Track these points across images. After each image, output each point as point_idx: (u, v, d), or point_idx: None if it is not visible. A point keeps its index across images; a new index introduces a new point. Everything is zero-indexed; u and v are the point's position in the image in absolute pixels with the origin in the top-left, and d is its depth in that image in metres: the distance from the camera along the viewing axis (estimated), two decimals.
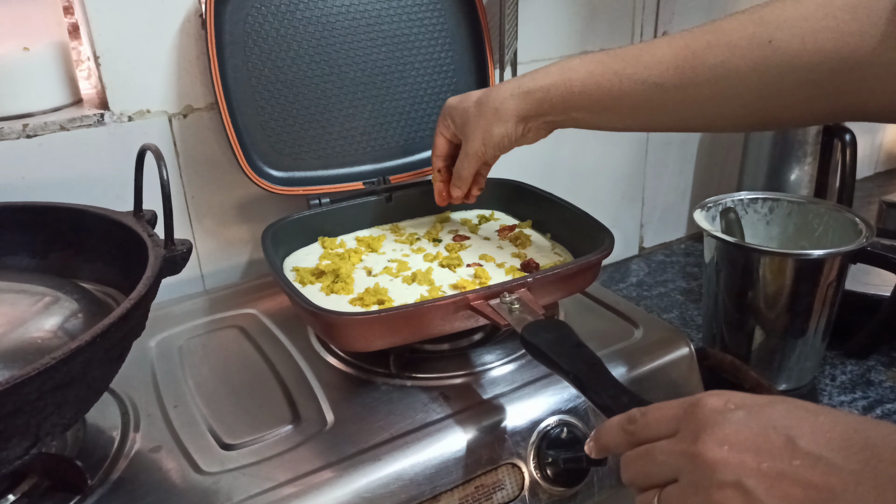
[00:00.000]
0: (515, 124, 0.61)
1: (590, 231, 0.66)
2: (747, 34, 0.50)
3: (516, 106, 0.60)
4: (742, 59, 0.50)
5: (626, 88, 0.55)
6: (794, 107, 0.51)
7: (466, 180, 0.68)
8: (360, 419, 0.55)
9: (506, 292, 0.55)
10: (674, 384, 0.62)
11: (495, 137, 0.62)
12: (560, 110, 0.59)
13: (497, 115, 0.61)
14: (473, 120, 0.62)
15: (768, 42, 0.49)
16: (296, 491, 0.48)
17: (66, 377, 0.40)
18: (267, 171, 0.74)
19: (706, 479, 0.34)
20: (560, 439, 0.55)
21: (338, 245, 0.73)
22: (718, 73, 0.51)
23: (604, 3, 0.97)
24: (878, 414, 0.78)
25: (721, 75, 0.51)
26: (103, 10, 0.67)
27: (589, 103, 0.57)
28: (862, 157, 1.14)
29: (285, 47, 0.73)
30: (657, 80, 0.53)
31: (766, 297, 0.76)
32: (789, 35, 0.48)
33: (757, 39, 0.49)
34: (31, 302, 0.52)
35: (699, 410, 0.37)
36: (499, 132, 0.61)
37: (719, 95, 0.52)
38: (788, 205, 0.84)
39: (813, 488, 0.32)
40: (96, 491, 0.49)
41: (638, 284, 1.08)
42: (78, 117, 0.69)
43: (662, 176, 1.14)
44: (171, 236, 0.52)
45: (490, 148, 0.63)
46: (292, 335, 0.66)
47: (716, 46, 0.51)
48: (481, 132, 0.62)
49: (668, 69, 0.53)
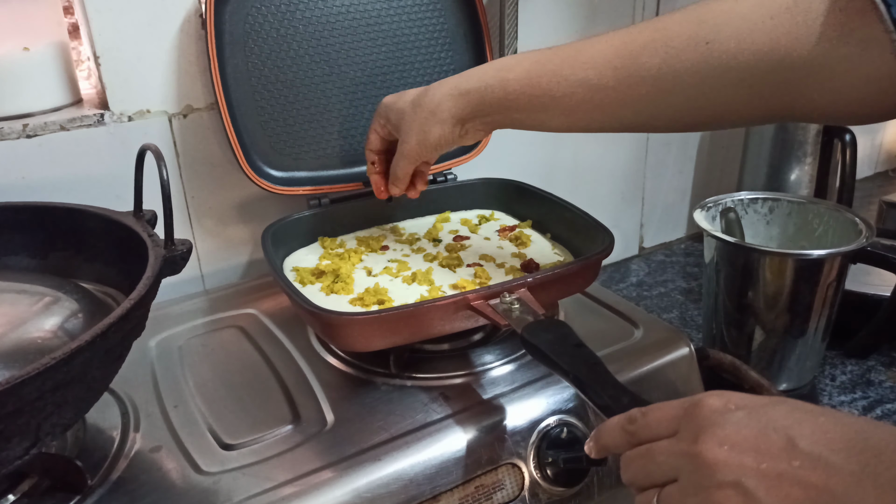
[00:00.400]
0: (452, 126, 0.60)
1: (590, 231, 0.66)
2: (685, 34, 0.49)
3: (453, 107, 0.59)
4: (679, 59, 0.49)
5: (564, 89, 0.54)
6: (732, 107, 0.50)
7: (403, 179, 0.66)
8: (360, 419, 0.55)
9: (506, 292, 0.55)
10: (674, 384, 0.62)
11: (431, 139, 0.60)
12: (498, 111, 0.58)
13: (433, 116, 0.59)
14: (409, 120, 0.61)
15: (706, 42, 0.48)
16: (296, 491, 0.48)
17: (66, 377, 0.40)
18: (267, 171, 0.74)
19: (706, 480, 0.34)
20: (560, 439, 0.55)
21: (338, 245, 0.73)
22: (656, 73, 0.50)
23: (604, 3, 0.97)
24: (878, 414, 0.78)
25: (659, 76, 0.50)
26: (103, 10, 0.67)
27: (527, 103, 0.56)
28: (862, 157, 1.14)
29: (285, 47, 0.73)
30: (595, 80, 0.52)
31: (766, 297, 0.76)
32: (726, 35, 0.47)
33: (695, 40, 0.48)
34: (31, 302, 0.52)
35: (699, 410, 0.37)
36: (435, 133, 0.60)
37: (657, 96, 0.51)
38: (788, 205, 0.84)
39: (813, 489, 0.32)
40: (96, 491, 0.49)
41: (638, 284, 1.08)
42: (78, 117, 0.69)
43: (662, 176, 1.14)
44: (171, 236, 0.52)
45: (426, 149, 0.61)
46: (292, 335, 0.66)
47: (654, 46, 0.50)
48: (417, 133, 0.61)
49: (606, 69, 0.52)
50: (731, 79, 0.48)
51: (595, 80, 0.52)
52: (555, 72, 0.54)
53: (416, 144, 0.61)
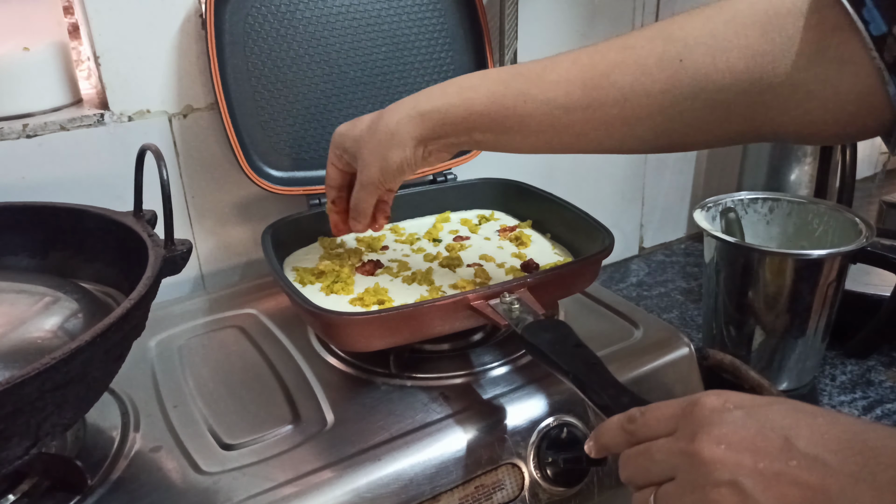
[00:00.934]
0: (414, 148, 0.55)
1: (590, 231, 0.66)
2: (657, 52, 0.47)
3: (413, 128, 0.55)
4: (652, 78, 0.47)
5: (529, 109, 0.51)
6: (706, 128, 0.48)
7: (365, 212, 0.61)
8: (360, 419, 0.55)
9: (506, 292, 0.55)
10: (674, 384, 0.62)
11: (393, 164, 0.56)
12: (461, 131, 0.54)
13: (393, 139, 0.55)
14: (368, 147, 0.57)
15: (679, 61, 0.46)
16: (296, 491, 0.48)
17: (66, 377, 0.40)
18: (267, 171, 0.74)
19: (702, 478, 0.34)
20: (560, 439, 0.55)
21: (338, 245, 0.73)
22: (627, 93, 0.48)
23: (604, 3, 0.97)
24: (878, 414, 0.78)
25: (630, 95, 0.48)
26: (103, 10, 0.67)
27: (491, 124, 0.53)
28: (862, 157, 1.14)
29: (285, 47, 0.73)
30: (563, 101, 0.50)
31: (766, 297, 0.76)
32: (699, 53, 0.45)
33: (667, 58, 0.46)
34: (31, 302, 0.52)
35: (698, 409, 0.37)
36: (396, 158, 0.56)
37: (629, 116, 0.49)
38: (788, 205, 0.84)
39: (809, 489, 0.32)
40: (96, 491, 0.49)
41: (638, 284, 1.08)
42: (78, 117, 0.69)
43: (662, 176, 1.14)
44: (171, 236, 0.52)
45: (388, 175, 0.57)
46: (292, 335, 0.66)
47: (624, 65, 0.48)
48: (378, 159, 0.56)
49: (574, 89, 0.50)
50: (704, 99, 0.46)
51: (563, 99, 0.50)
52: (521, 91, 0.52)
53: (378, 171, 0.57)
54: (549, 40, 0.94)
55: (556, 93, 0.50)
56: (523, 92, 0.51)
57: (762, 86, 0.44)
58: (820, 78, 0.43)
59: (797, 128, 0.46)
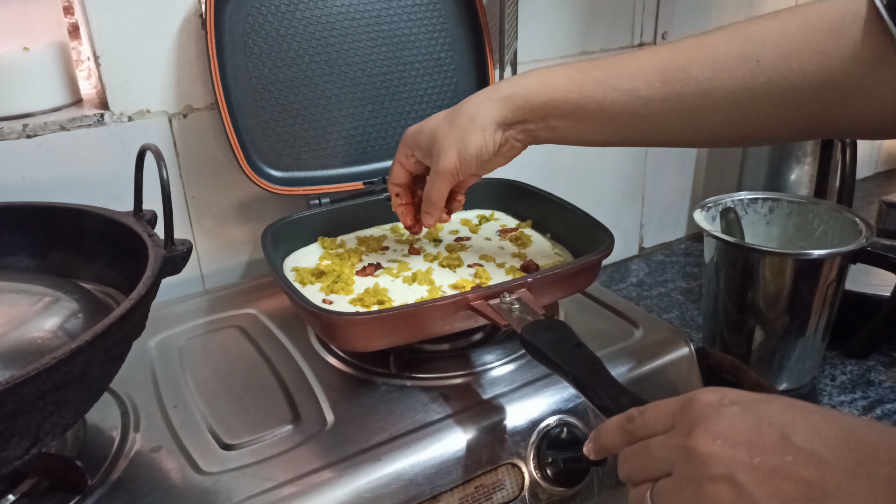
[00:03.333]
0: (494, 132, 0.57)
1: (590, 231, 0.66)
2: (735, 50, 0.50)
3: (494, 111, 0.57)
4: (730, 74, 0.50)
5: (609, 97, 0.54)
6: (776, 124, 0.51)
7: (438, 204, 0.61)
8: (360, 419, 0.55)
9: (506, 292, 0.55)
10: (674, 384, 0.62)
11: (472, 148, 0.57)
12: (540, 116, 0.56)
13: (473, 122, 0.57)
14: (446, 135, 0.58)
15: (756, 60, 0.49)
16: (296, 491, 0.48)
17: (66, 377, 0.40)
18: (267, 171, 0.74)
19: (698, 473, 0.35)
20: (560, 439, 0.55)
21: (338, 245, 0.73)
22: (706, 87, 0.51)
23: (604, 3, 0.97)
24: (878, 414, 0.78)
25: (708, 90, 0.51)
26: (103, 10, 0.67)
27: (571, 110, 0.55)
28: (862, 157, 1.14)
29: (285, 47, 0.73)
30: (643, 91, 0.53)
31: (766, 297, 0.76)
32: (775, 54, 0.49)
33: (745, 57, 0.50)
34: (31, 302, 0.52)
35: (694, 405, 0.37)
36: (476, 141, 0.57)
37: (705, 109, 0.52)
38: (788, 205, 0.84)
39: (805, 484, 0.32)
40: (96, 491, 0.49)
41: (638, 284, 1.08)
42: (78, 117, 0.69)
43: (662, 176, 1.14)
44: (171, 236, 0.52)
45: (466, 162, 0.58)
46: (292, 335, 0.66)
47: (703, 61, 0.51)
48: (456, 144, 0.57)
49: (654, 80, 0.52)
50: (779, 97, 0.49)
51: (644, 90, 0.53)
52: (602, 80, 0.54)
53: (456, 157, 0.58)
54: (549, 40, 0.94)
55: (636, 83, 0.53)
56: (604, 80, 0.54)
57: (831, 87, 0.48)
58: (881, 81, 0.47)
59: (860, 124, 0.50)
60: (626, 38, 1.01)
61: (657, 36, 1.04)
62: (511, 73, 0.89)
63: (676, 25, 1.05)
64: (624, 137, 0.57)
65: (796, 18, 0.49)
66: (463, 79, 0.82)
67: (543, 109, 0.56)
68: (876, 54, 0.46)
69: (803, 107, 0.50)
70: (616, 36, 1.00)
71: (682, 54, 0.52)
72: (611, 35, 1.00)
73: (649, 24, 1.03)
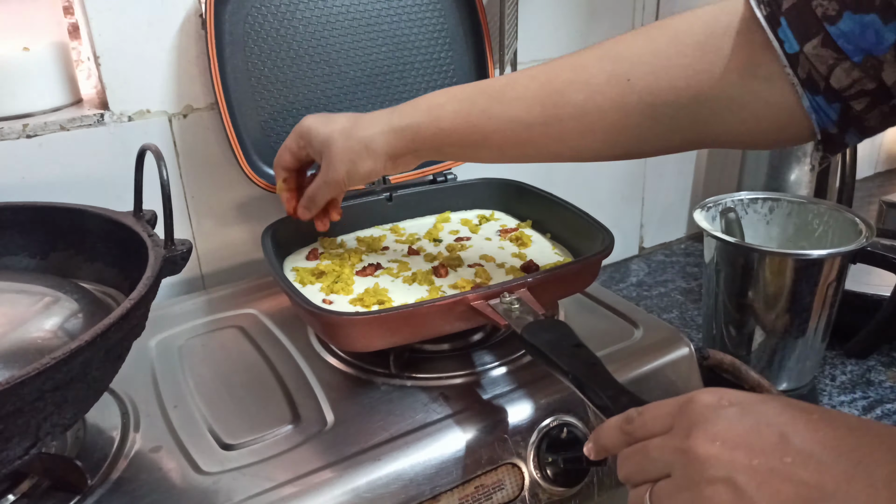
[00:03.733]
0: (385, 161, 0.60)
1: (590, 231, 0.66)
2: (605, 72, 0.51)
3: (386, 143, 0.59)
4: (603, 96, 0.51)
5: (493, 125, 0.55)
6: (654, 139, 0.52)
7: (318, 206, 0.65)
8: (360, 419, 0.55)
9: (506, 292, 0.55)
10: (674, 384, 0.62)
11: (362, 171, 0.60)
12: (430, 147, 0.59)
13: (366, 150, 0.59)
14: (339, 150, 0.60)
15: (627, 80, 0.50)
16: (296, 491, 0.48)
17: (66, 377, 0.40)
18: (267, 171, 0.74)
19: (697, 475, 0.35)
20: (560, 439, 0.55)
21: (338, 245, 0.73)
22: (581, 109, 0.52)
23: (604, 3, 0.97)
24: (878, 414, 0.78)
25: (583, 112, 0.52)
26: (103, 10, 0.67)
27: (459, 140, 0.57)
28: (862, 157, 1.14)
29: (285, 47, 0.73)
30: (524, 118, 0.54)
31: (766, 297, 0.76)
32: (644, 72, 0.50)
33: (615, 77, 0.50)
34: (31, 302, 0.52)
35: (693, 407, 0.37)
36: (366, 167, 0.60)
37: (584, 130, 0.53)
38: (788, 205, 0.84)
39: (804, 486, 0.32)
40: (96, 491, 0.49)
41: (638, 284, 1.08)
42: (78, 117, 0.69)
43: (662, 176, 1.14)
44: (171, 236, 0.52)
45: (354, 180, 0.61)
46: (292, 335, 0.66)
47: (577, 83, 0.52)
48: (347, 164, 0.60)
49: (533, 106, 0.54)
50: (650, 114, 0.50)
51: (524, 116, 0.54)
52: (484, 109, 0.55)
53: (345, 174, 0.60)
54: (549, 40, 0.94)
55: (517, 110, 0.54)
56: (486, 110, 0.55)
57: (701, 100, 0.48)
58: (752, 93, 0.47)
59: (735, 136, 0.50)
60: None
61: None
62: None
63: None
64: (512, 158, 0.58)
65: (666, 34, 0.50)
66: (463, 79, 0.82)
67: (433, 141, 0.58)
68: (745, 66, 0.46)
69: (676, 122, 0.50)
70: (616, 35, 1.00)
71: (558, 78, 0.53)
72: (611, 35, 0.98)
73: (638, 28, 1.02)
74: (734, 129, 0.49)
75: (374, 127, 0.59)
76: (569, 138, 0.54)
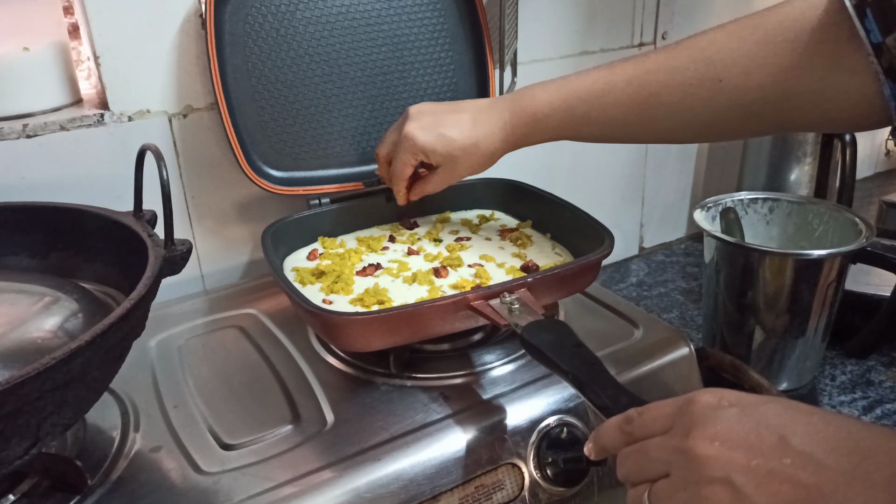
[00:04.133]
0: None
1: (590, 231, 0.66)
2: (699, 74, 0.55)
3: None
4: (694, 98, 0.56)
5: (593, 129, 0.62)
6: (737, 129, 0.58)
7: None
8: (360, 419, 0.55)
9: (506, 292, 0.55)
10: (674, 384, 0.62)
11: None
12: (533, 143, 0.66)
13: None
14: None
15: (718, 81, 0.54)
16: (296, 491, 0.48)
17: (66, 377, 0.40)
18: (267, 171, 0.74)
19: (695, 475, 0.35)
20: (560, 439, 0.55)
21: (338, 245, 0.73)
22: (675, 109, 0.57)
23: (604, 3, 0.97)
24: (878, 414, 0.78)
25: (677, 111, 0.57)
26: (103, 10, 0.67)
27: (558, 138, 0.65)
28: (862, 157, 1.14)
29: (285, 47, 0.73)
30: (621, 119, 0.60)
31: (766, 297, 0.76)
32: (735, 73, 0.54)
33: (708, 80, 0.55)
34: (31, 302, 0.52)
35: (692, 407, 0.37)
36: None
37: (675, 127, 0.59)
38: (788, 205, 0.84)
39: (803, 487, 0.32)
40: (96, 491, 0.49)
41: (638, 284, 1.08)
42: (78, 117, 0.69)
43: (662, 176, 1.14)
44: (171, 236, 0.52)
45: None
46: (292, 335, 0.66)
47: (671, 86, 0.57)
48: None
49: (629, 110, 0.59)
50: (740, 111, 0.55)
51: (621, 118, 0.60)
52: (585, 115, 0.61)
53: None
54: (549, 40, 0.94)
55: (615, 113, 0.60)
56: (586, 115, 0.61)
57: (788, 96, 0.52)
58: (835, 85, 0.50)
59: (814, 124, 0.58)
60: (626, 38, 1.01)
61: (657, 36, 1.04)
62: (511, 74, 0.89)
63: (676, 25, 1.05)
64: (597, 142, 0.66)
65: (756, 34, 0.53)
66: (463, 79, 0.82)
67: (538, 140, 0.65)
68: (831, 61, 0.49)
69: (762, 116, 0.55)
70: (616, 36, 1.00)
71: (654, 80, 0.58)
72: (611, 35, 1.00)
73: (649, 24, 1.03)
74: (815, 119, 0.54)
75: (493, 142, 0.65)
76: (660, 132, 0.60)
